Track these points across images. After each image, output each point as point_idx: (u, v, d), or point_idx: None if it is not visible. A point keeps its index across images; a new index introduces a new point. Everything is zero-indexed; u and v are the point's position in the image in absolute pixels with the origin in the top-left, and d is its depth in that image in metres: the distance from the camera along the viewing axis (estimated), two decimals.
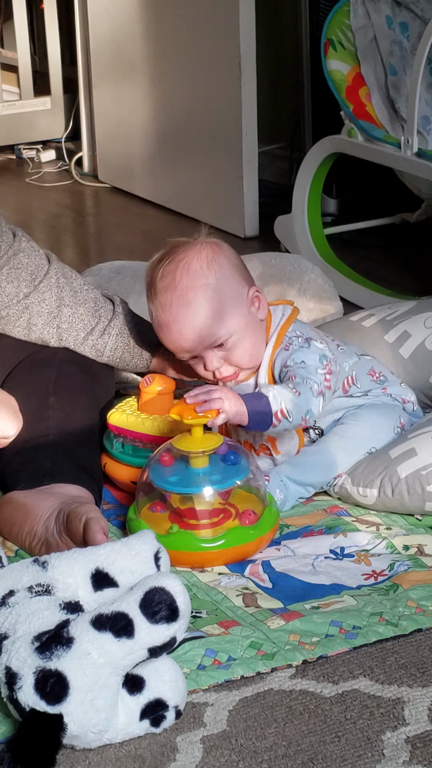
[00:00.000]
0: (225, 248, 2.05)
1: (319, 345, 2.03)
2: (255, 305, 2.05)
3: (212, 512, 1.90)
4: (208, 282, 2.00)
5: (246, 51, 3.57)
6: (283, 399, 1.94)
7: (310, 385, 1.97)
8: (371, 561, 1.88)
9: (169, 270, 2.01)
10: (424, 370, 2.28)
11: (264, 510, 1.92)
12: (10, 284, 2.11)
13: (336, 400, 2.09)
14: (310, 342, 2.03)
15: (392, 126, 3.13)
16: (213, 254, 2.02)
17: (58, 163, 4.73)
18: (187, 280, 2.00)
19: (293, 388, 1.96)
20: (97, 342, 2.14)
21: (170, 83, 3.94)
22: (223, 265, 2.02)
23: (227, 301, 2.00)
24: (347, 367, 2.12)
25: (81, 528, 1.81)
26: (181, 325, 1.99)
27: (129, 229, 3.90)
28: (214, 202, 3.81)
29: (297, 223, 3.35)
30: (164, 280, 2.01)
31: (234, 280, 2.03)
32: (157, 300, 2.02)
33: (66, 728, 1.44)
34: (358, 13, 3.16)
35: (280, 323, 2.07)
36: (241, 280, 2.04)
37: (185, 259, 2.01)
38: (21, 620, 1.51)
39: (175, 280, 2.00)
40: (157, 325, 2.03)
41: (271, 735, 1.50)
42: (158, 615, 1.46)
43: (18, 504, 1.96)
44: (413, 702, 1.55)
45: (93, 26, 4.30)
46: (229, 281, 2.02)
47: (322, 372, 2.00)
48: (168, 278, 2.00)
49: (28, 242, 2.15)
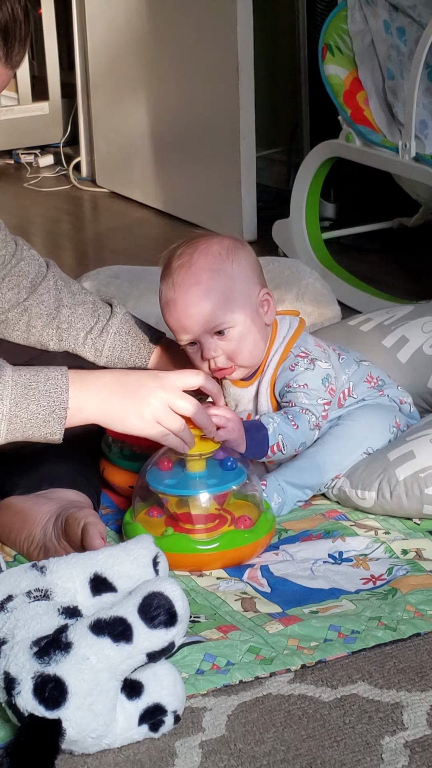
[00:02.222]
0: (247, 246, 2.07)
1: (323, 366, 2.04)
2: (264, 308, 2.05)
3: (208, 517, 1.90)
4: (224, 268, 2.00)
5: (244, 56, 3.57)
6: (281, 434, 1.98)
7: (308, 417, 2.00)
8: (370, 565, 1.88)
9: (187, 252, 2.02)
10: (421, 374, 2.28)
11: (260, 516, 1.92)
12: (10, 291, 2.12)
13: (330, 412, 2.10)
14: (315, 363, 2.04)
15: (390, 130, 3.14)
16: (234, 247, 2.03)
17: (56, 168, 4.73)
18: (203, 262, 2.00)
19: (292, 420, 1.99)
20: (96, 341, 2.14)
21: (168, 88, 3.94)
22: (241, 258, 2.03)
23: (238, 293, 2.01)
24: (345, 378, 2.12)
25: (79, 533, 1.81)
26: (188, 302, 1.99)
27: (127, 234, 3.91)
28: (212, 207, 3.82)
29: (295, 227, 3.35)
30: (180, 259, 2.02)
31: (248, 276, 2.03)
32: (170, 278, 2.01)
33: (65, 733, 1.44)
34: (356, 18, 3.16)
35: (287, 336, 2.07)
36: (255, 279, 2.05)
37: (206, 245, 2.02)
38: (19, 625, 1.51)
39: (192, 260, 2.00)
40: (165, 302, 2.02)
41: (270, 740, 1.50)
42: (157, 620, 1.46)
43: (16, 509, 1.96)
44: (412, 706, 1.55)
45: (91, 31, 4.30)
46: (243, 275, 2.02)
47: (321, 401, 2.01)
48: (184, 258, 2.01)
49: (29, 250, 2.17)
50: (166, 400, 1.83)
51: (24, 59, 1.81)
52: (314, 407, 2.01)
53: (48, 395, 1.78)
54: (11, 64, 1.78)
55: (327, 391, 2.03)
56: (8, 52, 1.76)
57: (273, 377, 2.06)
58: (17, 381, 1.78)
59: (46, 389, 1.78)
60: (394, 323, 2.37)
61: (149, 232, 3.90)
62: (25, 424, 1.78)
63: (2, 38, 1.74)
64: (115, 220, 4.11)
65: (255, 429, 1.98)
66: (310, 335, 2.12)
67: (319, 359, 2.05)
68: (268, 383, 2.06)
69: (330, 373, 2.05)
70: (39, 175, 4.66)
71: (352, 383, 2.13)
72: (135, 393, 1.82)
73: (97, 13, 4.25)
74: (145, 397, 1.82)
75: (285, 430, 1.98)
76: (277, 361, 2.05)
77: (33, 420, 1.78)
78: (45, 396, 1.78)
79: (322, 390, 2.03)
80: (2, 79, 1.80)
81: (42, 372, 1.80)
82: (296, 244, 3.35)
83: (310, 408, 2.00)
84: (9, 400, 1.77)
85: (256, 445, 1.97)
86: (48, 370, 1.81)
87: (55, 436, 1.80)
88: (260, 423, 1.99)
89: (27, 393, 1.78)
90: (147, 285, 2.63)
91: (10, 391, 1.77)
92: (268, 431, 1.98)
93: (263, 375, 2.06)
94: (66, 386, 1.79)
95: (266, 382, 2.06)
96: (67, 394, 1.79)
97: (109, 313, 2.17)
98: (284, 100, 4.13)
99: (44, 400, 1.78)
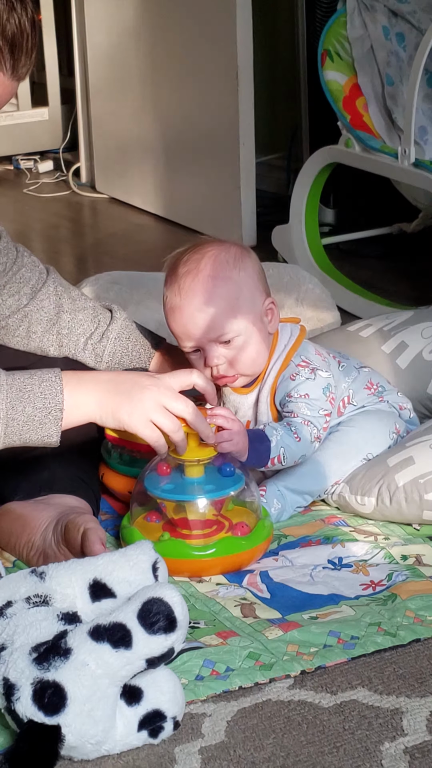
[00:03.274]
0: (252, 255, 2.07)
1: (323, 375, 2.04)
2: (268, 316, 2.05)
3: (205, 523, 1.90)
4: (230, 276, 2.00)
5: (243, 61, 3.57)
6: (283, 446, 1.97)
7: (310, 429, 1.99)
8: (369, 571, 1.88)
9: (194, 258, 2.02)
10: (421, 380, 2.28)
11: (257, 523, 1.92)
12: (11, 297, 2.12)
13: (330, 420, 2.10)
14: (316, 373, 2.03)
15: (389, 136, 3.14)
16: (240, 255, 2.03)
17: (55, 173, 4.74)
18: (211, 269, 2.00)
19: (294, 432, 1.98)
20: (96, 346, 2.14)
21: (168, 94, 3.95)
22: (247, 266, 2.02)
23: (243, 301, 2.00)
24: (345, 386, 2.12)
25: (79, 538, 1.81)
26: (194, 309, 1.99)
27: (126, 240, 3.91)
28: (211, 213, 3.82)
29: (294, 233, 3.35)
30: (187, 265, 2.01)
31: (254, 285, 2.03)
32: (176, 284, 2.01)
33: (64, 739, 1.44)
34: (355, 24, 3.16)
35: (288, 345, 2.07)
36: (260, 287, 2.05)
37: (213, 251, 2.02)
38: (19, 631, 1.51)
39: (199, 267, 2.00)
40: (170, 308, 2.02)
41: (270, 746, 1.50)
42: (156, 626, 1.46)
43: (16, 515, 1.96)
44: (411, 712, 1.54)
45: (90, 37, 4.31)
46: (249, 284, 2.02)
47: (323, 412, 2.01)
48: (191, 264, 2.01)
49: (29, 257, 2.17)
50: (161, 400, 1.83)
51: (29, 72, 1.81)
52: (316, 419, 2.00)
53: (43, 397, 1.79)
54: (17, 76, 1.78)
55: (328, 401, 2.03)
56: (15, 64, 1.76)
57: (274, 385, 2.05)
58: (12, 384, 1.79)
59: (41, 391, 1.79)
60: (393, 329, 2.37)
61: (148, 238, 3.90)
62: (22, 427, 1.78)
63: (9, 50, 1.74)
64: (114, 225, 4.11)
65: (258, 440, 1.97)
66: (311, 343, 2.12)
67: (320, 368, 2.05)
68: (268, 391, 2.06)
69: (330, 383, 2.05)
70: (38, 180, 4.66)
71: (352, 390, 2.13)
72: (129, 391, 1.82)
73: (96, 19, 4.25)
74: (140, 395, 1.82)
75: (287, 442, 1.98)
76: (278, 370, 2.05)
77: (29, 423, 1.78)
78: (40, 398, 1.79)
79: (323, 400, 2.02)
80: (8, 90, 1.79)
81: (36, 375, 1.81)
82: (296, 249, 3.35)
83: (312, 420, 2.00)
84: (5, 404, 1.77)
85: (258, 456, 1.97)
86: (42, 373, 1.81)
87: (52, 438, 1.80)
88: (263, 434, 1.98)
89: (22, 396, 1.78)
90: (147, 291, 2.63)
91: (5, 395, 1.78)
92: (271, 443, 1.97)
93: (264, 383, 2.06)
94: (60, 387, 1.80)
95: (266, 390, 2.06)
96: (62, 395, 1.79)
97: (110, 318, 2.17)
98: (284, 105, 4.13)
99: (40, 402, 1.79)
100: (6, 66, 1.75)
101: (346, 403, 2.12)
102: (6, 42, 1.73)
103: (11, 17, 1.73)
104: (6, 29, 1.73)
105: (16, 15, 1.73)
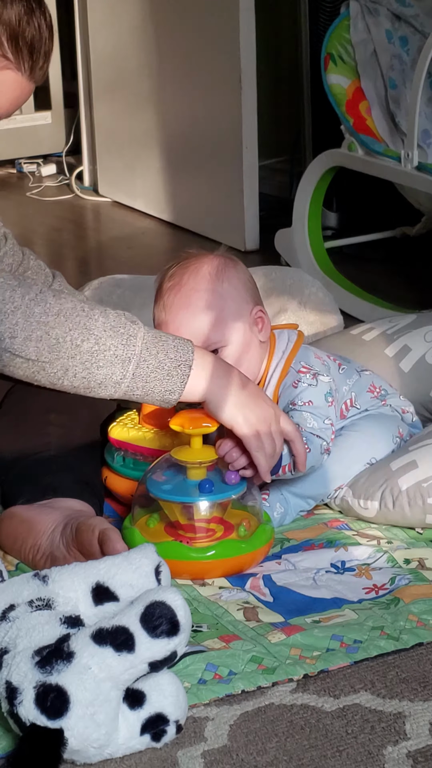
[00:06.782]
0: (239, 265, 2.07)
1: (324, 380, 2.04)
2: (258, 325, 2.05)
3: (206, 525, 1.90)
4: (213, 288, 2.01)
5: (246, 65, 3.58)
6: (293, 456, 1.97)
7: (320, 442, 1.98)
8: (372, 575, 1.88)
9: (177, 273, 2.04)
10: (424, 383, 2.28)
11: (258, 526, 1.92)
12: None
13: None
14: (318, 378, 2.03)
15: (392, 140, 3.14)
16: (224, 266, 2.04)
17: (58, 177, 4.74)
18: (193, 283, 2.01)
19: (305, 443, 1.97)
20: None
21: (171, 97, 3.95)
22: (231, 277, 2.03)
23: (228, 312, 2.01)
24: (347, 389, 2.12)
25: (94, 540, 1.81)
26: (179, 324, 2.00)
27: (129, 243, 3.91)
28: (214, 216, 3.82)
29: (297, 236, 3.35)
30: (170, 281, 2.03)
31: (239, 295, 2.03)
32: (161, 300, 2.04)
33: (66, 743, 1.44)
34: (358, 28, 3.17)
35: (286, 351, 2.07)
36: (247, 297, 2.05)
37: (196, 265, 2.03)
38: (21, 635, 1.51)
39: (182, 282, 2.02)
40: (157, 324, 2.04)
41: (272, 749, 1.50)
42: (159, 629, 1.46)
43: (20, 518, 1.96)
44: (414, 716, 1.54)
45: (93, 41, 4.31)
46: (233, 294, 2.02)
47: (328, 422, 2.00)
48: (174, 279, 2.03)
49: (35, 260, 2.18)
50: (277, 414, 1.91)
51: (45, 75, 1.89)
52: (323, 431, 2.00)
53: (176, 350, 1.87)
54: (34, 78, 1.89)
55: (329, 406, 2.03)
56: (33, 66, 1.87)
57: (275, 394, 2.05)
58: (150, 330, 1.88)
59: (175, 345, 1.88)
60: (396, 332, 2.37)
61: (151, 242, 3.90)
62: (151, 372, 1.85)
63: (29, 52, 1.86)
64: (117, 229, 4.11)
65: None
66: (309, 348, 2.12)
67: (321, 373, 2.04)
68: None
69: (331, 387, 2.05)
70: (41, 184, 4.66)
71: (355, 393, 2.13)
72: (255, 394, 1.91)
73: (99, 23, 4.26)
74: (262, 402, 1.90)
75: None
76: (278, 378, 2.05)
77: (159, 369, 1.85)
78: (173, 350, 1.87)
79: (325, 406, 2.02)
80: (25, 92, 1.91)
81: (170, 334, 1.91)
82: (299, 253, 3.35)
83: (321, 433, 1.99)
84: (141, 343, 1.85)
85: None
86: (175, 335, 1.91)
87: (174, 395, 1.87)
88: None
89: (158, 342, 1.86)
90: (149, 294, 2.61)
91: (143, 336, 1.86)
92: (283, 453, 1.97)
93: (264, 390, 2.05)
94: (192, 348, 1.88)
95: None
96: (193, 355, 1.87)
97: None
98: (287, 109, 4.13)
99: (173, 353, 1.87)
100: (25, 67, 1.87)
101: (349, 405, 2.12)
102: (26, 44, 1.85)
103: (32, 21, 1.85)
104: (26, 32, 1.85)
105: (35, 19, 1.86)
